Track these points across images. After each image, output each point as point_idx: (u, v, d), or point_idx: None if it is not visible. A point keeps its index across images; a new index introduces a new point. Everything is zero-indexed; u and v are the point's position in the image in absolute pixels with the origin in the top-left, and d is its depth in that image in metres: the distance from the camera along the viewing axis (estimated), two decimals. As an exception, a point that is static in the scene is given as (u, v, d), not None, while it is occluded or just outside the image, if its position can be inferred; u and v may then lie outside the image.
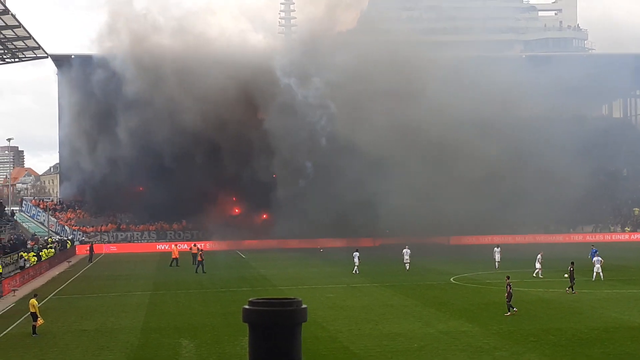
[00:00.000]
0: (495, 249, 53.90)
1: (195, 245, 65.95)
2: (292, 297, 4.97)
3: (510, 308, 32.86)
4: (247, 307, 4.53)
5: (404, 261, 52.23)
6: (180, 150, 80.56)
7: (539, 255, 47.43)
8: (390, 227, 72.57)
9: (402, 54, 76.29)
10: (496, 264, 52.77)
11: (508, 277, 34.21)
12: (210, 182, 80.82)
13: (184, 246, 70.97)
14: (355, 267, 51.17)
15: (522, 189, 75.30)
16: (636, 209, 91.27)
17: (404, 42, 78.34)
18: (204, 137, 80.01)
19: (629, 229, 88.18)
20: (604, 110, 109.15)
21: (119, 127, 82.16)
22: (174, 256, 60.82)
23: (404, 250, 52.73)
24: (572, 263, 40.43)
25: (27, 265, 55.49)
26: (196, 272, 53.83)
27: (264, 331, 5.18)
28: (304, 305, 4.41)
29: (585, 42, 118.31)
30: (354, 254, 51.76)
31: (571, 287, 39.57)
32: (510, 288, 32.89)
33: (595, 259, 46.00)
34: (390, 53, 76.37)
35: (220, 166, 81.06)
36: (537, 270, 47.19)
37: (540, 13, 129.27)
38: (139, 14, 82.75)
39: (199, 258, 55.09)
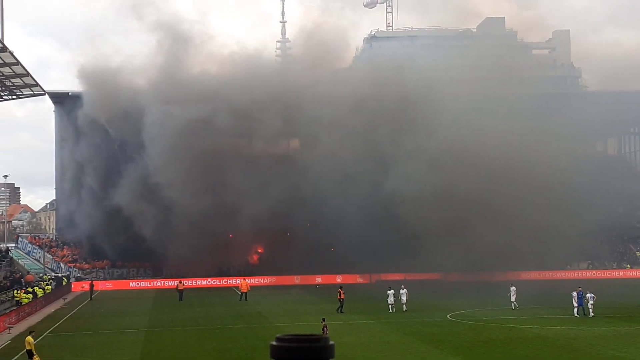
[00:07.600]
0: (511, 287, 50.12)
1: (181, 282, 65.28)
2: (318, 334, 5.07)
3: None
4: (274, 343, 4.62)
5: (397, 301, 49.84)
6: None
7: (589, 294, 45.74)
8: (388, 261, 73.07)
9: (412, 91, 77.33)
10: (512, 304, 49.82)
11: (324, 320, 34.49)
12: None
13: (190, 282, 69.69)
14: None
15: (516, 227, 75.14)
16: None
17: (409, 80, 78.97)
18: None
19: (629, 266, 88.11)
20: (598, 148, 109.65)
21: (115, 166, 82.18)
22: (242, 290, 61.31)
23: (402, 291, 50.59)
24: None
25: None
26: (337, 311, 49.60)
27: None
28: (331, 342, 4.50)
29: (579, 80, 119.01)
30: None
31: None
32: (326, 330, 32.78)
33: (589, 295, 46.00)
34: (398, 90, 77.41)
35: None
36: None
37: (534, 51, 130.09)
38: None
39: (341, 296, 50.14)
